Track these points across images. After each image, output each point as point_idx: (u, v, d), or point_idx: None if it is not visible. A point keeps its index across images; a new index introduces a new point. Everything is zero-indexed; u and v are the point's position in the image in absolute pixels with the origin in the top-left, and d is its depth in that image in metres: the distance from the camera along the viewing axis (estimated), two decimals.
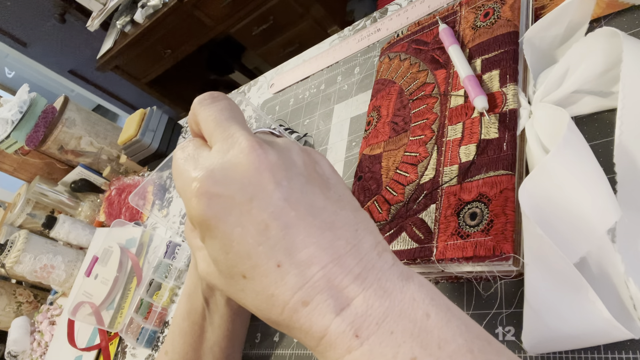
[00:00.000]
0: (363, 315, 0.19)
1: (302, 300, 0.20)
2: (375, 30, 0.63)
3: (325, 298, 0.20)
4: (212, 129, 0.23)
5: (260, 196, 0.21)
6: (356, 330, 0.19)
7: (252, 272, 0.21)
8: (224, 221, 0.21)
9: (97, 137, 1.12)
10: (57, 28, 2.48)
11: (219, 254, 0.22)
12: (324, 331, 0.20)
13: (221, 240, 0.21)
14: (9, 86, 3.35)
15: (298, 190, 0.21)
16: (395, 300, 0.20)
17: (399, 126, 0.44)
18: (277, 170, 0.21)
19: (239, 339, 0.48)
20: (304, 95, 0.70)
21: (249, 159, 0.21)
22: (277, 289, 0.20)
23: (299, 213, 0.21)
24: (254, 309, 0.22)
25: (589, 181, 0.27)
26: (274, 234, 0.20)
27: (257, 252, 0.20)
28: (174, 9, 1.69)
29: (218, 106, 0.24)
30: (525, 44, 0.37)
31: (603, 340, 0.28)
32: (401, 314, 0.19)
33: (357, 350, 0.19)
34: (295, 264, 0.20)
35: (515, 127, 0.35)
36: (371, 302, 0.20)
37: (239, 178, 0.21)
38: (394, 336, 0.19)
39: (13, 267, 0.88)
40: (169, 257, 0.71)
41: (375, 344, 0.19)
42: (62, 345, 0.85)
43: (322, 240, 0.21)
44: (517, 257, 0.30)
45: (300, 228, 0.21)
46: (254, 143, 0.22)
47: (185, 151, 0.24)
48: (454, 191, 0.35)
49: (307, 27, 1.78)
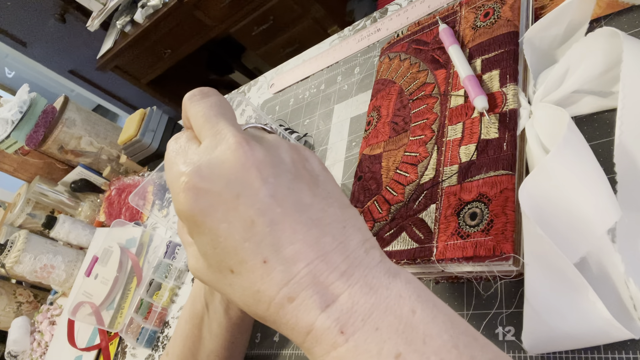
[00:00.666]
0: (348, 312, 0.20)
1: (288, 296, 0.20)
2: (375, 30, 0.63)
3: (311, 294, 0.20)
4: (201, 125, 0.24)
5: (247, 193, 0.21)
6: (342, 327, 0.19)
7: (239, 268, 0.21)
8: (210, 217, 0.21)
9: (97, 137, 1.12)
10: (57, 28, 2.48)
11: (207, 249, 0.22)
12: (310, 327, 0.20)
13: (208, 236, 0.21)
14: (9, 86, 3.35)
15: (285, 187, 0.21)
16: (381, 296, 0.20)
17: (399, 126, 0.44)
18: (263, 167, 0.21)
19: (238, 348, 0.47)
20: (304, 95, 0.70)
21: (235, 155, 0.21)
22: (263, 285, 0.21)
23: (285, 210, 0.21)
24: (242, 304, 0.22)
25: (589, 181, 0.27)
26: (260, 230, 0.20)
27: (243, 248, 0.21)
28: (174, 9, 1.69)
29: (208, 102, 0.25)
30: (525, 44, 0.37)
31: (603, 340, 0.28)
32: (387, 310, 0.20)
33: (343, 346, 0.19)
34: (281, 260, 0.20)
35: (515, 127, 0.35)
36: (357, 298, 0.20)
37: (226, 174, 0.21)
38: (379, 332, 0.19)
39: (13, 267, 0.88)
40: (169, 257, 0.71)
41: (361, 340, 0.19)
42: (62, 345, 0.85)
43: (308, 236, 0.21)
44: (517, 257, 0.30)
45: (286, 224, 0.21)
46: (241, 140, 0.22)
47: (177, 142, 0.24)
48: (454, 191, 0.35)
49: (307, 27, 1.78)
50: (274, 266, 0.20)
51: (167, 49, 1.94)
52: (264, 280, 0.20)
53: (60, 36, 2.55)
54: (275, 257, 0.20)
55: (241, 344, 0.47)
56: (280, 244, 0.20)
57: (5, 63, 3.20)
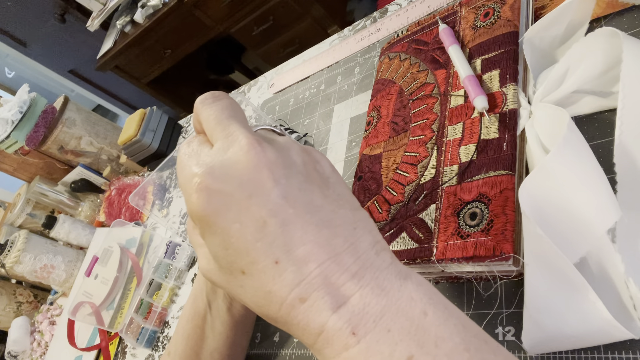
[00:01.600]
0: (360, 313, 0.20)
1: (300, 296, 0.20)
2: (375, 30, 0.63)
3: (322, 295, 0.20)
4: (213, 127, 0.24)
5: (259, 193, 0.21)
6: (353, 328, 0.19)
7: (251, 268, 0.21)
8: (223, 217, 0.21)
9: (97, 137, 1.12)
10: (57, 28, 2.48)
11: (218, 250, 0.22)
12: (321, 328, 0.20)
13: (220, 236, 0.21)
14: (9, 86, 3.35)
15: (296, 188, 0.22)
16: (392, 298, 0.20)
17: (399, 126, 0.44)
18: (275, 168, 0.22)
19: (240, 346, 0.47)
20: (304, 95, 0.70)
21: (248, 156, 0.21)
22: (275, 285, 0.21)
23: (297, 211, 0.21)
24: (253, 305, 0.22)
25: (589, 181, 0.27)
26: (272, 230, 0.21)
27: (255, 249, 0.21)
28: (174, 9, 1.69)
29: (219, 105, 0.25)
30: (525, 44, 0.37)
31: (603, 340, 0.28)
32: (398, 312, 0.20)
33: (354, 347, 0.19)
34: (292, 260, 0.20)
35: (515, 127, 0.35)
36: (368, 300, 0.20)
37: (238, 175, 0.21)
38: (390, 334, 0.19)
39: (13, 267, 0.88)
40: (169, 257, 0.71)
41: (372, 341, 0.19)
42: (62, 345, 0.85)
43: (319, 237, 0.21)
44: (517, 257, 0.30)
45: (298, 225, 0.21)
46: (253, 141, 0.22)
47: (190, 146, 0.24)
48: (454, 191, 0.35)
49: (307, 27, 1.78)
50: (286, 267, 0.20)
51: (167, 49, 1.94)
52: (276, 281, 0.20)
53: (60, 36, 2.55)
54: (287, 257, 0.20)
55: (244, 341, 0.48)
56: (292, 245, 0.20)
57: (5, 63, 3.20)
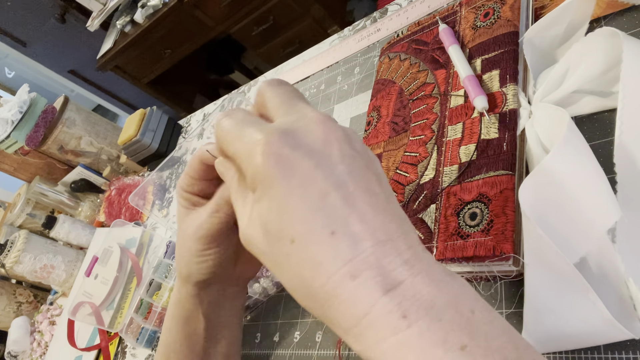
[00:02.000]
0: (411, 299, 0.19)
1: (351, 273, 0.20)
2: (375, 30, 0.63)
3: (374, 275, 0.19)
4: (279, 104, 0.25)
5: (326, 165, 0.21)
6: (404, 312, 0.19)
7: (303, 237, 0.21)
8: (287, 181, 0.21)
9: (97, 137, 1.12)
10: (57, 28, 2.48)
11: (272, 215, 0.22)
12: (369, 309, 0.19)
13: (279, 200, 0.21)
14: (9, 86, 3.35)
15: (359, 170, 0.22)
16: (442, 290, 0.20)
17: (399, 126, 0.44)
18: (343, 145, 0.22)
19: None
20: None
21: (320, 127, 0.22)
22: (327, 257, 0.20)
23: (357, 190, 0.21)
24: (294, 278, 0.22)
25: (589, 181, 0.27)
26: (333, 202, 0.21)
27: (314, 217, 0.21)
28: (174, 9, 1.69)
29: (286, 87, 0.26)
30: (525, 44, 0.37)
31: (603, 340, 0.28)
32: (448, 305, 0.19)
33: (405, 331, 0.18)
34: (349, 234, 0.20)
35: (515, 127, 0.35)
36: (419, 287, 0.19)
37: (309, 144, 0.22)
38: (442, 323, 0.19)
39: (13, 267, 0.88)
40: (169, 257, 0.71)
41: (424, 327, 0.18)
42: (62, 345, 0.85)
43: (376, 219, 0.21)
44: (517, 257, 0.30)
45: (358, 202, 0.21)
46: (325, 116, 0.23)
47: (235, 117, 0.25)
48: (454, 191, 0.35)
49: (307, 27, 1.78)
50: (342, 239, 0.20)
51: (167, 49, 1.94)
52: (328, 253, 0.20)
53: (60, 36, 2.55)
54: (344, 230, 0.20)
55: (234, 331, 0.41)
56: (350, 220, 0.20)
57: (5, 63, 3.20)
